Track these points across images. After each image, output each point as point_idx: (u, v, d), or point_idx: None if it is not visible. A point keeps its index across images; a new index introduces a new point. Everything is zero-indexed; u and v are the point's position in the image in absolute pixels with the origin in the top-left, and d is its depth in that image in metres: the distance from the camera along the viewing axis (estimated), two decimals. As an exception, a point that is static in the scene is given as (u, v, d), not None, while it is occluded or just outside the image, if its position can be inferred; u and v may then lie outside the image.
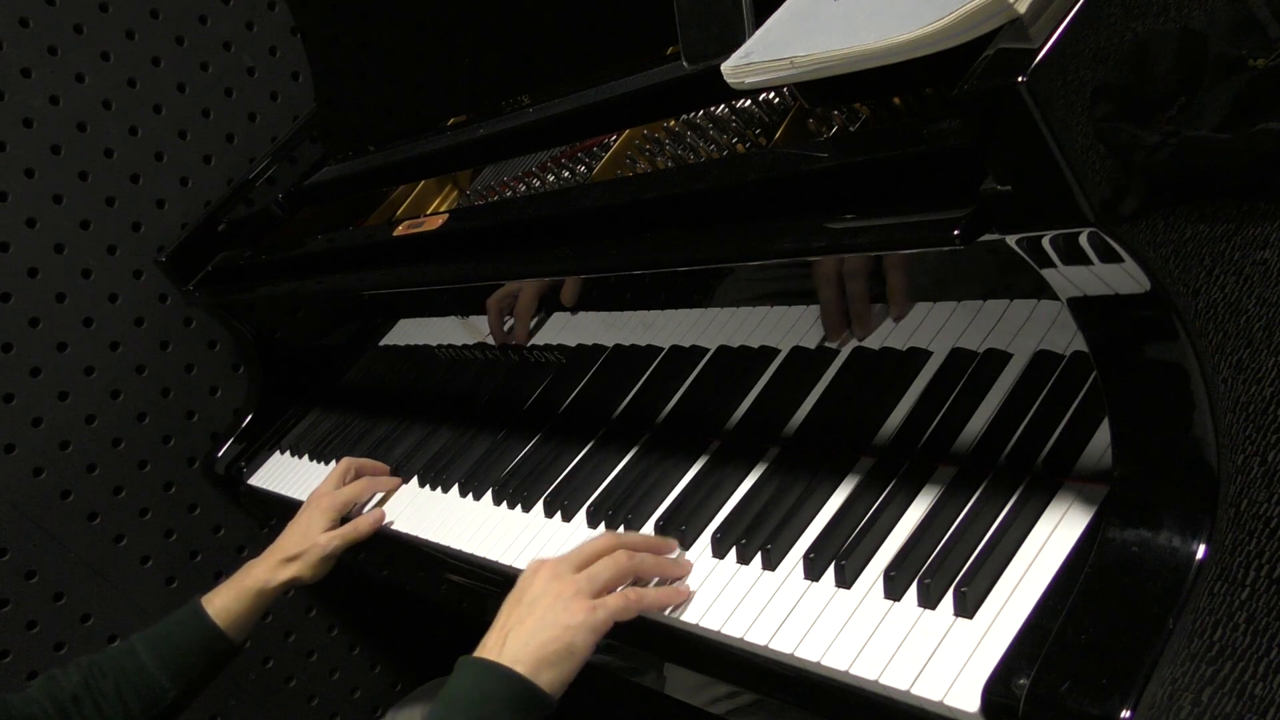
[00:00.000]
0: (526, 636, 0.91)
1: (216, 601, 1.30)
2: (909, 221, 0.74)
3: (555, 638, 0.90)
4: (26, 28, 1.60)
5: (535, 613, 0.92)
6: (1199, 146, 0.66)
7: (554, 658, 0.90)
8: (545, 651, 0.90)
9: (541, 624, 0.91)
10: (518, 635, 0.91)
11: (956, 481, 0.90)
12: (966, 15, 0.65)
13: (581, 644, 0.91)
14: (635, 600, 0.93)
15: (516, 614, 0.94)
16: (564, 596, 0.93)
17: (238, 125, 1.80)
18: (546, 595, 0.93)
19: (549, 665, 0.90)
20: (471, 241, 1.18)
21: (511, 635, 0.92)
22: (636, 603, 0.93)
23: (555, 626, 0.91)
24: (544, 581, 0.95)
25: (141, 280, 1.72)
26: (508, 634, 0.92)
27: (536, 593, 0.94)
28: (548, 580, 0.95)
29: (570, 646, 0.90)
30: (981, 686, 0.73)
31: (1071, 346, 0.79)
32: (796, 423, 1.04)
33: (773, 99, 1.04)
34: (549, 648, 0.90)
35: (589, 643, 0.91)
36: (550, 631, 0.91)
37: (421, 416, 1.53)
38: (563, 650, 0.90)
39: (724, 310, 1.02)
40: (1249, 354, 0.70)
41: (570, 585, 0.93)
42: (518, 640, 0.91)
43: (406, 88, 1.48)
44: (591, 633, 0.91)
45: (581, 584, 0.94)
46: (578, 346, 1.21)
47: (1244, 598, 0.70)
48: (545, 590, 0.94)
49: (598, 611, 0.92)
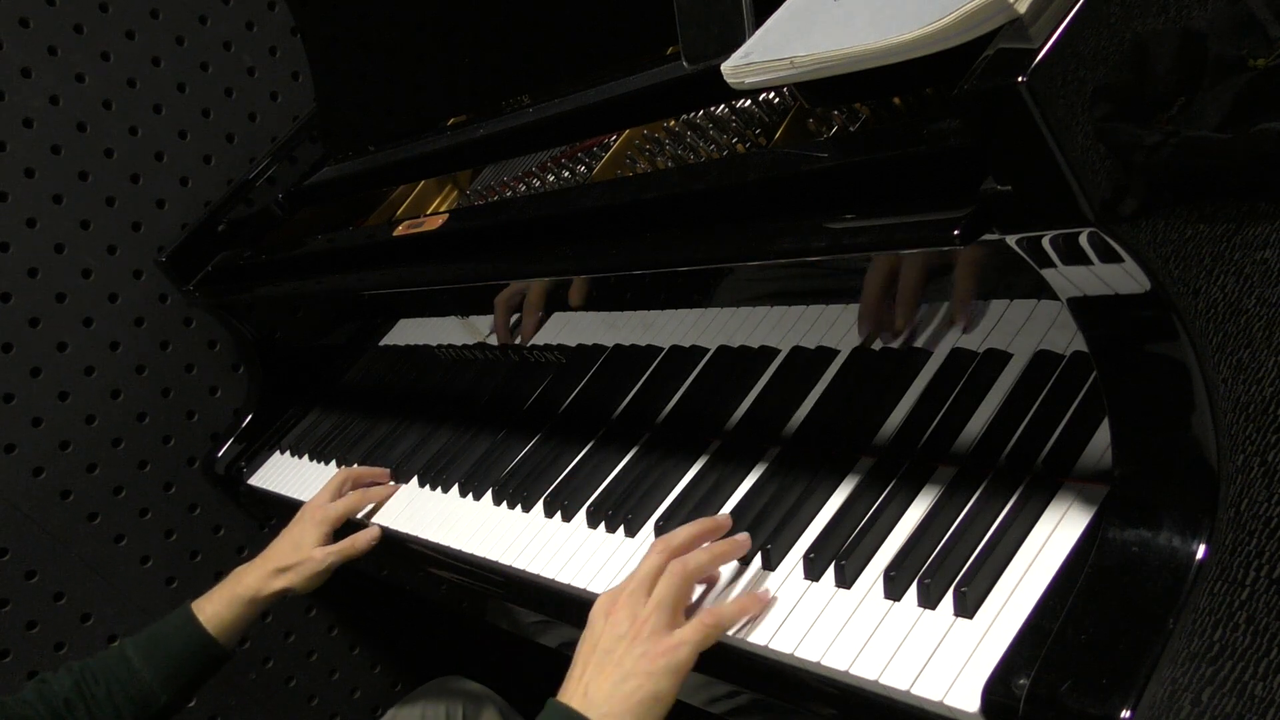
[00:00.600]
0: (610, 690, 0.86)
1: (208, 608, 1.30)
2: (909, 221, 0.74)
3: (639, 687, 0.85)
4: (26, 28, 1.60)
5: (612, 660, 0.87)
6: (1199, 146, 0.66)
7: (640, 709, 0.85)
8: (630, 703, 0.85)
9: (623, 674, 0.86)
10: (599, 688, 0.86)
11: (956, 481, 0.90)
12: (966, 15, 0.65)
13: (667, 689, 0.86)
14: (714, 625, 0.88)
15: (594, 663, 0.88)
16: (640, 639, 0.87)
17: (238, 125, 1.80)
18: (622, 641, 0.88)
19: (635, 717, 0.85)
20: (471, 241, 1.18)
21: (593, 688, 0.87)
22: (715, 628, 0.89)
23: (637, 675, 0.86)
24: (616, 627, 0.89)
25: (141, 280, 1.72)
26: (588, 686, 0.87)
27: (611, 639, 0.89)
28: (620, 622, 0.89)
29: (655, 694, 0.85)
30: (981, 686, 0.73)
31: (1071, 346, 0.79)
32: (796, 423, 1.04)
33: (773, 99, 1.04)
34: (634, 698, 0.85)
35: (674, 685, 0.86)
36: (633, 682, 0.85)
37: (421, 416, 1.53)
38: (648, 699, 0.85)
39: (724, 310, 1.02)
40: (1249, 354, 0.70)
41: (645, 625, 0.88)
42: (600, 694, 0.86)
43: (406, 88, 1.48)
44: (675, 675, 0.86)
45: (655, 620, 0.88)
46: (578, 346, 1.21)
47: (1244, 598, 0.70)
48: (619, 635, 0.88)
49: (679, 651, 0.86)
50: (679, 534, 0.95)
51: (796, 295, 0.96)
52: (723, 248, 0.89)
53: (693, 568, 0.92)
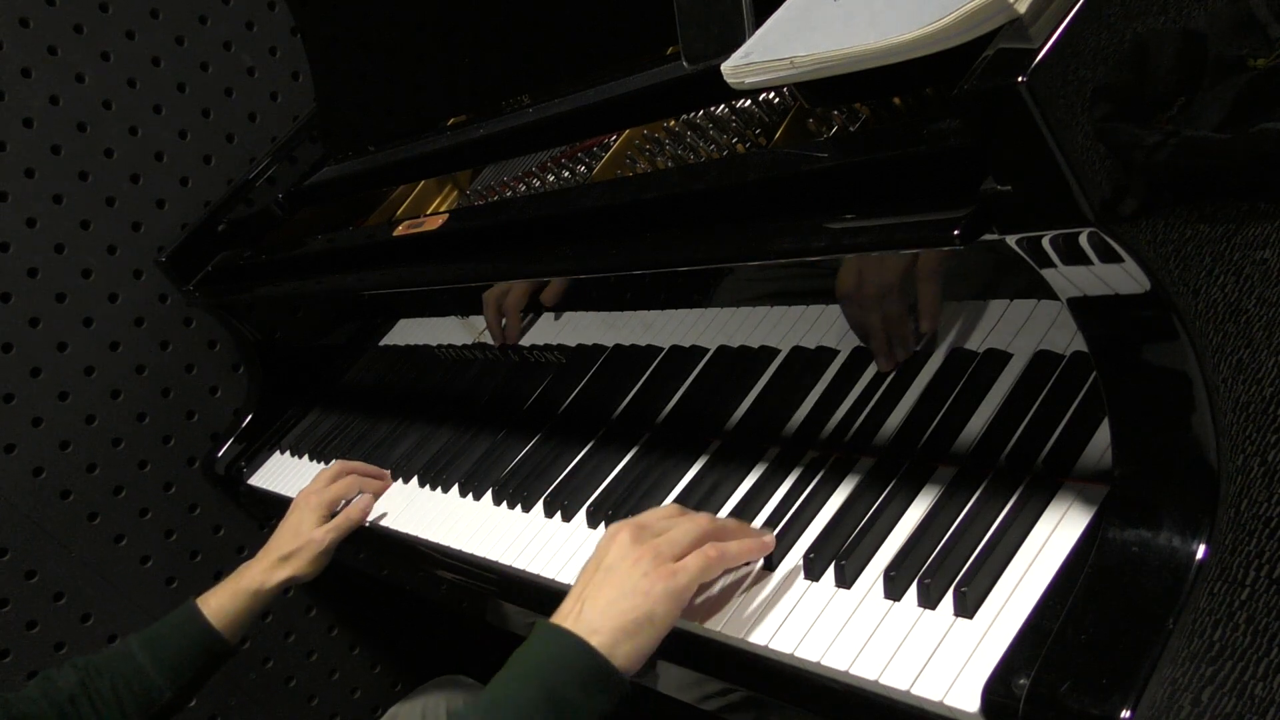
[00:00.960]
0: (605, 604, 0.85)
1: (212, 602, 1.31)
2: (909, 221, 0.74)
3: (635, 605, 0.85)
4: (26, 28, 1.60)
5: (613, 579, 0.87)
6: (1199, 146, 0.66)
7: (633, 627, 0.84)
8: (624, 620, 0.84)
9: (620, 591, 0.86)
10: (595, 603, 0.86)
11: (956, 481, 0.90)
12: (966, 15, 0.65)
13: (663, 612, 0.85)
14: (716, 558, 0.88)
15: (595, 581, 0.88)
16: (643, 561, 0.87)
17: (238, 125, 1.80)
18: (625, 560, 0.87)
19: (628, 635, 0.84)
20: (471, 241, 1.18)
21: (588, 603, 0.86)
22: (718, 560, 0.88)
23: (635, 594, 0.85)
24: (623, 546, 0.89)
25: (141, 280, 1.72)
26: (584, 602, 0.87)
27: (615, 558, 0.88)
28: (627, 545, 0.89)
29: (650, 615, 0.85)
30: (981, 686, 0.73)
31: (1071, 346, 0.79)
32: (796, 423, 1.04)
33: (773, 99, 1.04)
34: (628, 616, 0.85)
35: (670, 610, 0.86)
36: (630, 599, 0.85)
37: (421, 416, 1.53)
38: (642, 619, 0.85)
39: (724, 310, 1.02)
40: (1249, 354, 0.70)
41: (650, 549, 0.88)
42: (595, 608, 0.86)
43: (406, 88, 1.48)
44: (673, 599, 0.86)
45: (662, 548, 0.88)
46: (578, 346, 1.21)
47: (1244, 598, 0.70)
48: (624, 555, 0.88)
49: (679, 576, 0.86)
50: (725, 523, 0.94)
51: (796, 295, 0.96)
52: (723, 248, 0.89)
53: (718, 526, 0.91)
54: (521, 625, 1.26)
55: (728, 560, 0.89)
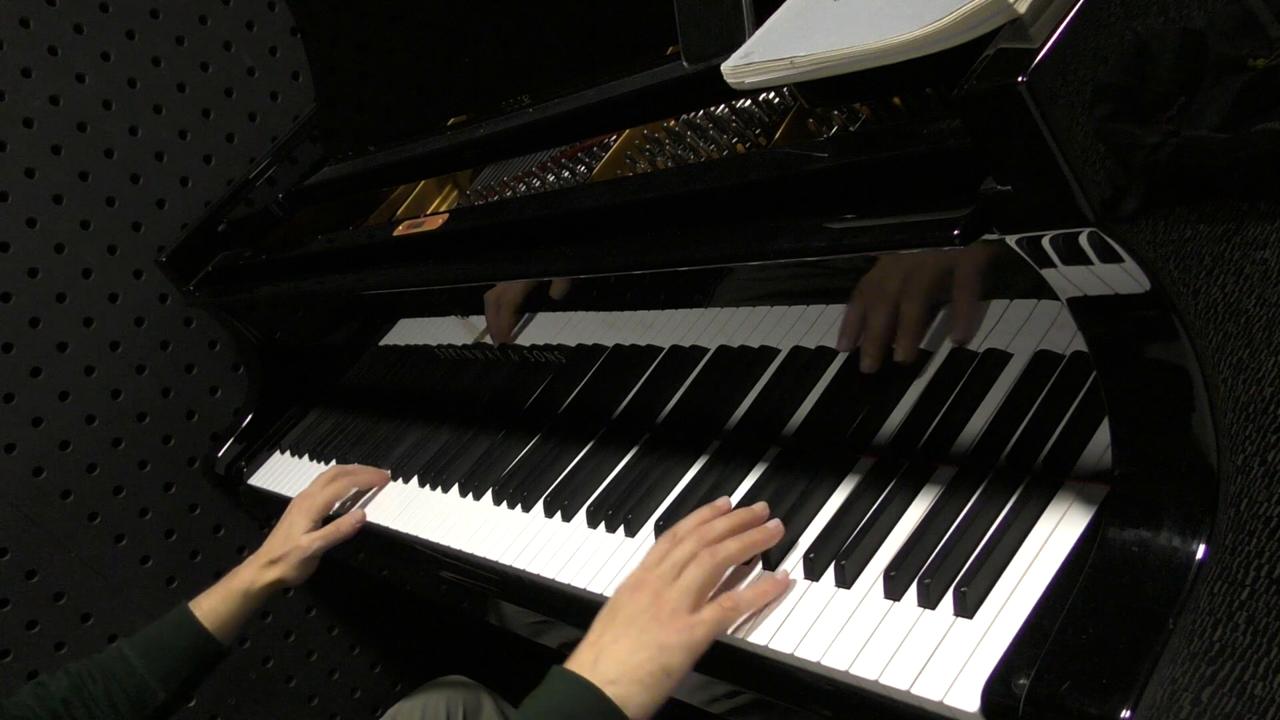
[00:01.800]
0: (622, 656, 0.86)
1: (204, 604, 1.32)
2: (909, 221, 0.74)
3: (651, 658, 0.86)
4: (26, 28, 1.60)
5: (630, 632, 0.88)
6: (1199, 146, 0.66)
7: (649, 680, 0.85)
8: (640, 673, 0.85)
9: (637, 644, 0.87)
10: (612, 655, 0.87)
11: (956, 481, 0.90)
12: (966, 15, 0.65)
13: (678, 665, 0.87)
14: (732, 609, 0.89)
15: (611, 632, 0.89)
16: (661, 615, 0.88)
17: (238, 125, 1.80)
18: (643, 614, 0.89)
19: (644, 688, 0.85)
20: (471, 241, 1.18)
21: (605, 654, 0.87)
22: (733, 611, 0.89)
23: (651, 647, 0.86)
24: (641, 600, 0.90)
25: (141, 280, 1.72)
26: (600, 652, 0.88)
27: (633, 611, 0.89)
28: (644, 598, 0.90)
29: (666, 668, 0.86)
30: (981, 686, 0.73)
31: (1071, 346, 0.79)
32: (796, 423, 1.04)
33: (773, 99, 1.04)
34: (644, 669, 0.86)
35: (686, 663, 0.87)
36: (646, 652, 0.86)
37: (421, 416, 1.53)
38: (658, 672, 0.86)
39: (724, 310, 1.02)
40: (1249, 354, 0.70)
41: (667, 603, 0.89)
42: (611, 660, 0.87)
43: (406, 88, 1.48)
44: (689, 653, 0.87)
45: (678, 600, 0.89)
46: (578, 346, 1.21)
47: (1244, 598, 0.70)
48: (642, 609, 0.89)
49: (696, 630, 0.87)
50: (715, 528, 0.94)
51: (796, 295, 0.96)
52: (723, 248, 0.89)
53: (722, 558, 0.92)
54: (522, 626, 1.26)
55: (743, 612, 0.90)
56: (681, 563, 0.92)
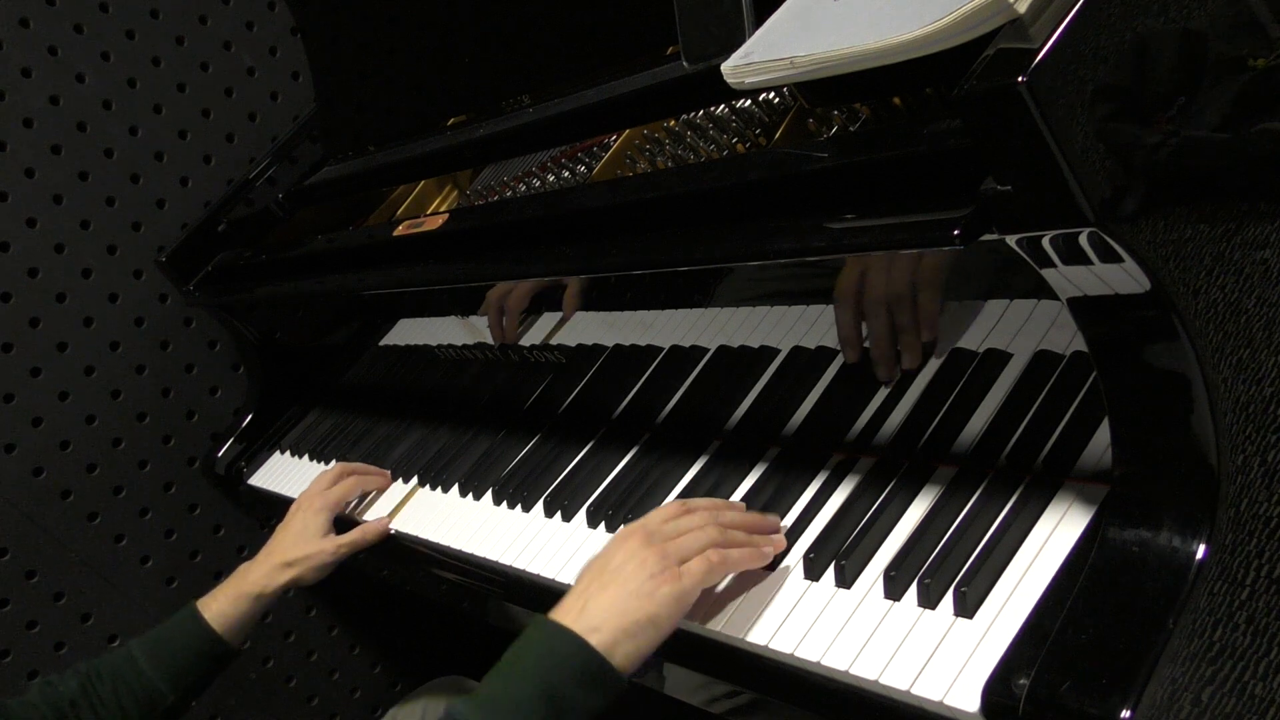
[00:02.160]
0: (608, 604, 0.85)
1: (213, 606, 1.30)
2: (909, 221, 0.74)
3: (638, 607, 0.85)
4: (26, 28, 1.60)
5: (619, 579, 0.87)
6: (1199, 146, 0.66)
7: (635, 628, 0.85)
8: (626, 621, 0.85)
9: (625, 592, 0.86)
10: (599, 602, 0.86)
11: (956, 481, 0.90)
12: (966, 15, 0.65)
13: (666, 615, 0.86)
14: (719, 563, 0.88)
15: (600, 580, 0.88)
16: (650, 563, 0.87)
17: (238, 125, 1.80)
18: (632, 561, 0.88)
19: (629, 636, 0.84)
20: (471, 241, 1.18)
21: (592, 602, 0.86)
22: (721, 565, 0.88)
23: (639, 595, 0.85)
24: (631, 548, 0.89)
25: (141, 280, 1.72)
26: (588, 600, 0.87)
27: (622, 559, 0.88)
28: (636, 547, 0.89)
29: (654, 617, 0.85)
30: (981, 686, 0.73)
31: (1071, 346, 0.79)
32: (796, 423, 1.04)
33: (773, 99, 1.04)
34: (630, 616, 0.85)
35: (674, 614, 0.86)
36: (634, 600, 0.85)
37: (421, 416, 1.53)
38: (645, 621, 0.85)
39: (724, 310, 1.02)
40: (1249, 354, 0.70)
41: (657, 553, 0.88)
42: (598, 607, 0.86)
43: (406, 88, 1.48)
44: (677, 602, 0.86)
45: (669, 552, 0.88)
46: (578, 346, 1.21)
47: (1244, 598, 0.70)
48: (631, 556, 0.88)
49: (683, 579, 0.86)
50: (729, 513, 0.94)
51: (796, 295, 0.96)
52: (723, 248, 0.89)
53: (728, 538, 0.91)
54: (521, 625, 1.26)
55: (731, 566, 0.90)
56: (686, 530, 0.91)
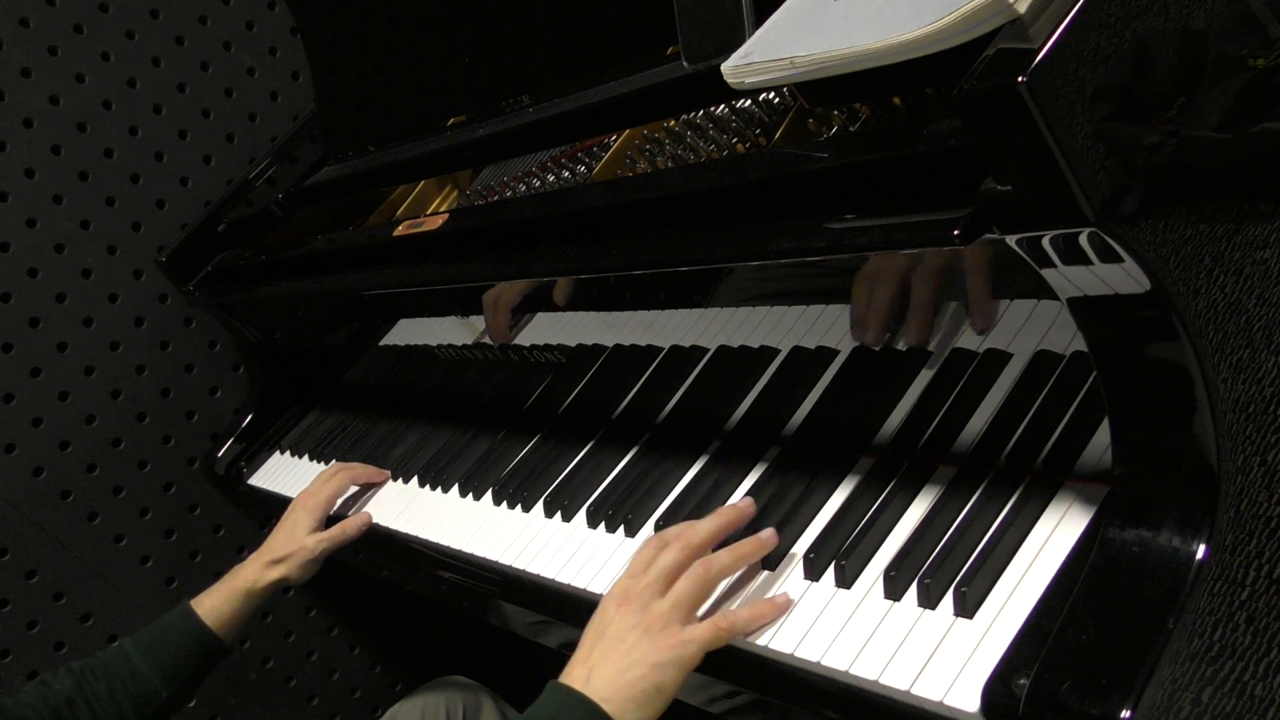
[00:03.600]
0: (613, 675, 0.86)
1: (206, 603, 1.32)
2: (909, 221, 0.74)
3: (643, 676, 0.86)
4: (26, 28, 1.60)
5: (620, 649, 0.88)
6: (1199, 146, 0.66)
7: (642, 697, 0.86)
8: (633, 691, 0.85)
9: (628, 662, 0.87)
10: (603, 673, 0.87)
11: (956, 481, 0.90)
12: (966, 15, 0.65)
13: (670, 681, 0.87)
14: (727, 629, 0.88)
15: (600, 649, 0.89)
16: (652, 632, 0.88)
17: (238, 125, 1.80)
18: (633, 631, 0.88)
19: (636, 705, 0.85)
20: (471, 241, 1.18)
21: (596, 672, 0.87)
22: (728, 631, 0.88)
23: (643, 665, 0.86)
24: (629, 615, 0.89)
25: (141, 280, 1.72)
26: (592, 669, 0.88)
27: (622, 628, 0.89)
28: (633, 614, 0.89)
29: (659, 685, 0.86)
30: (982, 686, 0.73)
31: (1071, 346, 0.79)
32: (796, 423, 1.04)
33: (773, 99, 1.04)
34: (636, 686, 0.86)
35: (678, 680, 0.87)
36: (638, 670, 0.86)
37: (421, 416, 1.53)
38: (650, 690, 0.86)
39: (724, 310, 1.02)
40: (1249, 354, 0.70)
41: (656, 619, 0.88)
42: (603, 678, 0.86)
43: (406, 88, 1.48)
44: (680, 669, 0.87)
45: (667, 614, 0.89)
46: (578, 346, 1.21)
47: (1244, 598, 0.70)
48: (631, 625, 0.89)
49: (688, 647, 0.87)
50: (700, 530, 0.93)
51: (796, 295, 0.96)
52: (723, 248, 0.89)
53: (716, 571, 0.91)
54: (522, 626, 1.26)
55: (738, 633, 0.89)
56: (668, 571, 0.91)
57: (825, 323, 0.95)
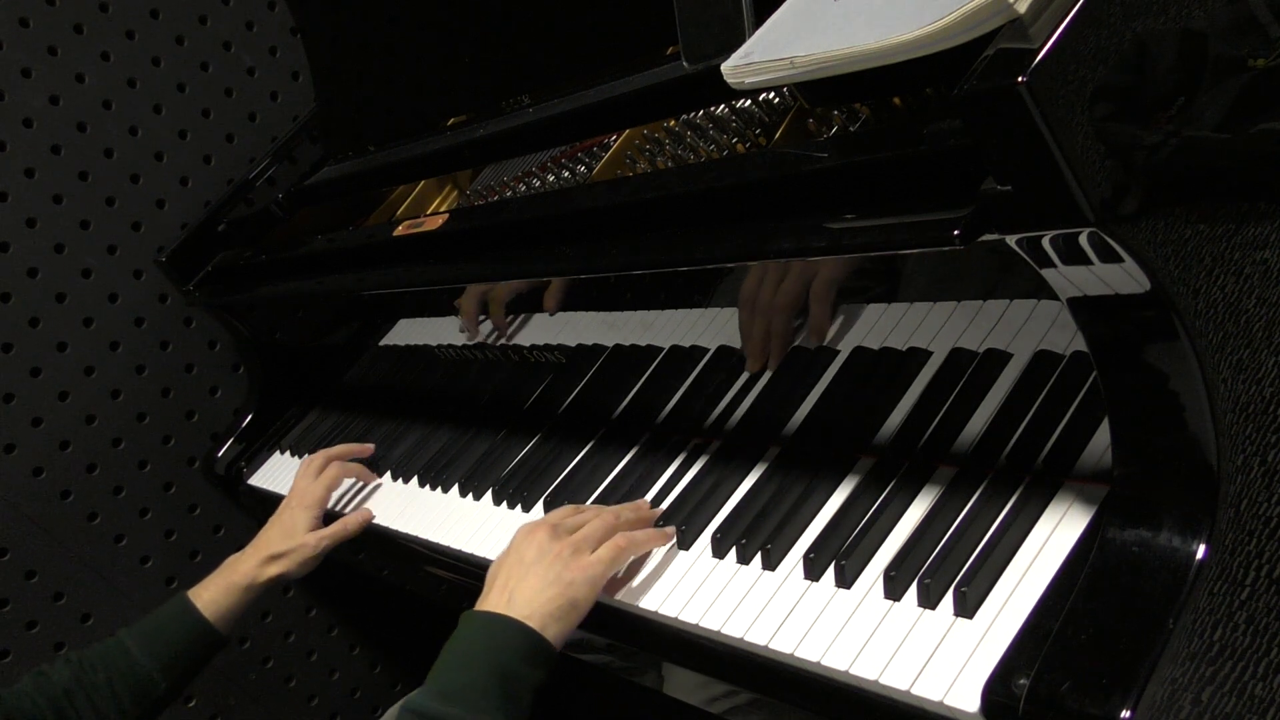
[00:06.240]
0: (531, 594, 0.96)
1: (204, 595, 1.31)
2: (909, 221, 0.74)
3: (559, 593, 0.96)
4: (26, 28, 1.60)
5: (537, 571, 0.97)
6: (1199, 146, 0.66)
7: (559, 612, 0.95)
8: (551, 607, 0.95)
9: (544, 581, 0.96)
10: (522, 592, 0.96)
11: (956, 481, 0.90)
12: (966, 15, 0.65)
13: (583, 598, 0.96)
14: (626, 546, 0.99)
15: (517, 573, 0.98)
16: (563, 555, 0.98)
17: (238, 125, 1.80)
18: (546, 555, 0.99)
19: (555, 619, 0.95)
20: (471, 241, 1.18)
21: (516, 592, 0.96)
22: (627, 548, 0.99)
23: (558, 583, 0.96)
24: (542, 543, 1.00)
25: (141, 280, 1.72)
26: (511, 591, 0.97)
27: (535, 553, 0.99)
28: (545, 541, 1.00)
29: (573, 601, 0.96)
30: (982, 686, 0.73)
31: (1071, 346, 0.79)
32: (796, 423, 1.04)
33: (773, 99, 1.04)
34: (554, 603, 0.95)
35: (590, 596, 0.97)
36: (554, 588, 0.96)
37: (421, 416, 1.53)
38: (566, 605, 0.95)
39: (724, 310, 1.02)
40: (1249, 354, 0.70)
41: (567, 544, 0.99)
42: (523, 597, 0.96)
43: (406, 88, 1.48)
44: (591, 586, 0.97)
45: (577, 542, 0.99)
46: (578, 346, 1.21)
47: (1244, 598, 0.70)
48: (544, 550, 0.99)
49: (596, 566, 0.97)
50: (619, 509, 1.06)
51: (796, 295, 0.96)
52: (723, 248, 0.89)
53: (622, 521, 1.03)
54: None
55: (635, 548, 1.00)
56: (578, 519, 1.03)
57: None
